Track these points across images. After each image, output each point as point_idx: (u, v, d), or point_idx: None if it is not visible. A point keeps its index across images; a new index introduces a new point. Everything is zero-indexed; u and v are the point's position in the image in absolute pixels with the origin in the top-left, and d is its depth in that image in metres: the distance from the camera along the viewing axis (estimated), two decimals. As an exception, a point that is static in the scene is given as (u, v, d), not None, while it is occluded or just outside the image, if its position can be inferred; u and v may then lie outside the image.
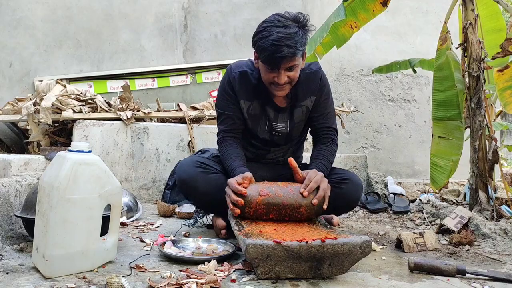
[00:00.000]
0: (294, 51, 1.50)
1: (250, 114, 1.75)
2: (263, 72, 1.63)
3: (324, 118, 1.80)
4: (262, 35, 1.54)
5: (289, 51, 1.49)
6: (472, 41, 2.19)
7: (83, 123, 2.76)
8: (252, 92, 1.73)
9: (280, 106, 1.75)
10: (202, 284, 1.11)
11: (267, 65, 1.57)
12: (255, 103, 1.74)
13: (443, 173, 2.21)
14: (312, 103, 1.76)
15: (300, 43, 1.52)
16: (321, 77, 1.76)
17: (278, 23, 1.53)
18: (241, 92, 1.73)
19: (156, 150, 2.89)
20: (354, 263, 1.22)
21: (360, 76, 4.13)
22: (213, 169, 1.74)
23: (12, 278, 1.16)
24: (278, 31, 1.50)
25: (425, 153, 4.07)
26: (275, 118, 1.77)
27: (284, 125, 1.77)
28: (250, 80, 1.73)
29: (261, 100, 1.74)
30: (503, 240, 1.80)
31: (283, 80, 1.57)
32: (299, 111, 1.77)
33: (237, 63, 1.79)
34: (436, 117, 2.27)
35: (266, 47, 1.51)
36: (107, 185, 1.27)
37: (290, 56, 1.51)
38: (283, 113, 1.76)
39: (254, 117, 1.76)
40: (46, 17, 3.71)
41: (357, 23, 2.56)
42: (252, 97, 1.73)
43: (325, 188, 1.49)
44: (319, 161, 1.70)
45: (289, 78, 1.59)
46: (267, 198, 1.44)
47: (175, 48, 3.91)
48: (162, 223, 2.08)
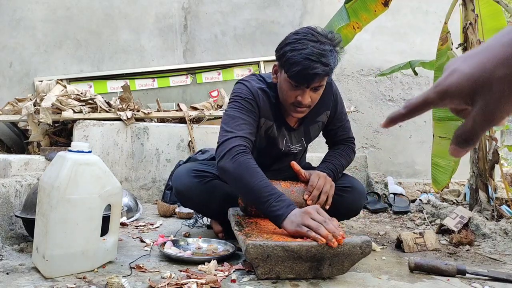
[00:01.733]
0: (328, 70, 1.39)
1: (268, 135, 1.62)
2: (285, 89, 1.47)
3: (342, 130, 1.77)
4: (293, 47, 1.39)
5: (324, 69, 1.37)
6: (472, 41, 2.19)
7: (83, 123, 2.76)
8: (271, 113, 1.58)
9: (292, 127, 1.66)
10: (202, 284, 1.11)
11: (295, 81, 1.42)
12: (275, 125, 1.60)
13: (445, 173, 2.21)
14: (328, 117, 1.71)
15: (333, 62, 1.42)
16: (334, 89, 1.68)
17: (312, 37, 1.40)
18: (264, 110, 1.56)
19: (156, 150, 2.89)
20: (354, 263, 1.22)
21: (360, 76, 4.13)
22: (210, 175, 1.67)
23: (12, 278, 1.16)
24: (313, 46, 1.37)
25: (425, 153, 4.07)
26: (290, 140, 1.67)
27: (300, 144, 1.71)
28: (270, 99, 1.57)
29: (278, 122, 1.61)
30: (503, 240, 1.80)
31: (307, 100, 1.45)
32: (315, 127, 1.70)
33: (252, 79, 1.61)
34: (437, 117, 2.27)
35: (299, 61, 1.36)
36: (107, 185, 1.27)
37: (322, 75, 1.40)
38: (295, 133, 1.68)
39: (271, 139, 1.63)
40: (46, 17, 3.71)
41: (359, 23, 2.57)
42: (272, 118, 1.59)
43: (327, 190, 1.47)
44: (328, 161, 1.67)
45: (312, 99, 1.47)
46: None
47: (175, 48, 3.91)
48: (162, 223, 2.08)
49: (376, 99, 4.13)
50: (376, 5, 2.47)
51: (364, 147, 4.11)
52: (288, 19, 4.05)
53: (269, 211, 1.29)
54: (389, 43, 4.13)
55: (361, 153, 3.99)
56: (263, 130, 1.60)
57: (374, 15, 2.53)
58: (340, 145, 1.77)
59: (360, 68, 4.13)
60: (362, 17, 2.54)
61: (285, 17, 4.05)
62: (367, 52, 4.11)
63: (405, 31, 4.16)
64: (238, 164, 1.36)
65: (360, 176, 3.15)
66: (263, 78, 1.63)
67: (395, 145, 4.13)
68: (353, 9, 2.51)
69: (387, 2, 2.45)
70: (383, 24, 3.99)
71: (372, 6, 2.48)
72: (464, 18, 2.26)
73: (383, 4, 2.45)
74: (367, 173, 3.20)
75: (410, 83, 4.16)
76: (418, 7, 4.19)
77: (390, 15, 3.87)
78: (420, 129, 4.15)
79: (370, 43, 4.08)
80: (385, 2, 2.45)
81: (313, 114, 1.64)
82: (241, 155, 1.38)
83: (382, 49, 4.12)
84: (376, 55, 4.11)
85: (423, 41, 4.10)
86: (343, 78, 4.11)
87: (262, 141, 1.63)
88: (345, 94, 4.09)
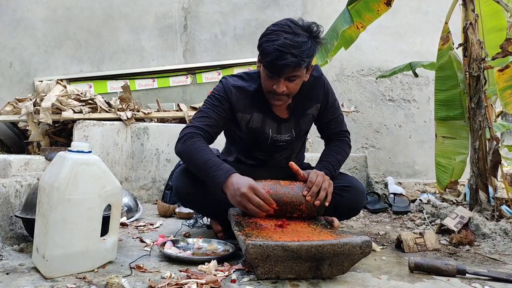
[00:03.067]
0: (298, 61, 1.43)
1: (250, 127, 1.66)
2: (263, 77, 1.56)
3: (334, 123, 1.77)
4: (268, 38, 1.46)
5: (293, 60, 1.41)
6: (472, 41, 2.19)
7: (83, 123, 2.76)
8: (251, 105, 1.64)
9: (281, 117, 1.68)
10: (202, 284, 1.11)
11: (268, 71, 1.49)
12: (255, 115, 1.65)
13: (447, 172, 2.21)
14: (318, 110, 1.72)
15: (306, 54, 1.44)
16: (324, 82, 1.71)
17: (288, 29, 1.45)
18: (239, 105, 1.63)
19: (156, 150, 2.89)
20: (354, 263, 1.22)
21: (360, 76, 4.13)
22: None
23: (12, 279, 1.16)
24: (286, 37, 1.42)
25: (425, 153, 4.07)
26: (278, 131, 1.69)
27: (289, 134, 1.70)
28: (247, 93, 1.64)
29: (262, 113, 1.65)
30: (503, 240, 1.80)
31: (281, 89, 1.50)
32: (305, 120, 1.72)
33: (230, 77, 1.70)
34: (439, 117, 2.27)
35: (270, 52, 1.43)
36: (107, 185, 1.27)
37: (292, 66, 1.44)
38: (286, 124, 1.69)
39: (256, 131, 1.67)
40: (46, 18, 3.71)
41: (363, 23, 2.60)
42: (251, 110, 1.64)
43: (326, 187, 1.48)
44: (324, 160, 1.69)
45: (288, 89, 1.51)
46: (268, 195, 1.44)
47: (175, 48, 3.91)
48: (162, 223, 2.08)
49: (376, 99, 4.13)
50: (379, 4, 2.48)
51: (364, 147, 4.11)
52: (288, 19, 4.05)
53: (211, 181, 1.46)
54: (389, 43, 4.13)
55: (361, 153, 4.00)
56: (243, 124, 1.67)
57: (378, 15, 2.54)
58: (335, 141, 1.78)
59: (360, 68, 4.13)
60: (366, 17, 2.55)
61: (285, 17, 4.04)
62: (367, 52, 4.11)
63: (405, 31, 4.16)
64: (186, 146, 1.55)
65: (360, 176, 3.14)
66: (247, 74, 1.71)
67: (395, 145, 4.13)
68: (356, 10, 2.53)
69: (390, 2, 2.46)
70: (383, 24, 3.98)
71: (375, 6, 2.49)
72: (464, 18, 2.26)
73: (385, 4, 2.47)
74: (367, 173, 3.20)
75: (410, 83, 4.16)
76: (418, 7, 4.19)
77: (390, 15, 3.85)
78: (420, 129, 4.15)
79: (370, 43, 4.08)
80: (387, 2, 2.46)
81: (303, 107, 1.68)
82: (190, 139, 1.55)
83: (382, 49, 4.12)
84: (376, 55, 4.11)
85: (423, 41, 4.10)
86: (343, 78, 4.11)
87: (246, 135, 1.70)
88: (345, 94, 4.10)
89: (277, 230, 1.36)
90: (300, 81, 1.54)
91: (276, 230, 1.37)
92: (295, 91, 1.56)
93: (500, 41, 2.03)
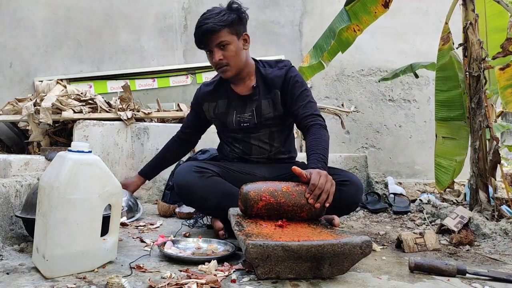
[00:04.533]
0: (213, 26, 1.67)
1: (217, 113, 1.91)
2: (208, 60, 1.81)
3: (304, 108, 1.78)
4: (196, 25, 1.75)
5: (207, 26, 1.67)
6: (473, 41, 2.19)
7: (83, 123, 2.76)
8: (215, 94, 1.91)
9: (241, 94, 1.87)
10: (202, 284, 1.11)
11: (199, 47, 1.77)
12: (220, 102, 1.90)
13: (447, 173, 2.21)
14: (279, 97, 1.82)
15: (221, 20, 1.69)
16: (287, 71, 1.83)
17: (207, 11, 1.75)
18: (204, 97, 1.94)
19: (156, 150, 2.88)
20: (354, 263, 1.22)
21: (360, 76, 4.13)
22: (211, 172, 1.74)
23: (12, 279, 1.16)
24: (202, 16, 1.73)
25: (425, 153, 4.07)
26: (242, 109, 1.86)
27: (250, 113, 1.85)
28: (208, 86, 1.95)
29: (225, 97, 1.89)
30: (504, 240, 1.80)
31: (217, 58, 1.72)
32: (266, 103, 1.84)
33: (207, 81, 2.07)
34: (439, 117, 2.27)
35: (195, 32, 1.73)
36: (107, 185, 1.27)
37: (211, 31, 1.68)
38: (249, 103, 1.86)
39: (222, 115, 1.89)
40: (46, 18, 3.71)
41: (360, 26, 2.57)
42: (215, 98, 1.91)
43: (328, 188, 1.45)
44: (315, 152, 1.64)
45: (225, 57, 1.73)
46: (268, 204, 1.44)
47: (175, 48, 3.91)
48: (162, 223, 2.08)
49: (376, 99, 4.13)
50: (376, 6, 2.46)
51: (364, 147, 4.11)
52: (288, 19, 4.05)
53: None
54: (389, 43, 4.13)
55: (361, 153, 4.00)
56: (211, 112, 1.93)
57: (375, 17, 2.52)
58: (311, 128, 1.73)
59: (360, 68, 4.13)
60: (363, 19, 2.53)
61: (285, 17, 4.05)
62: (367, 52, 4.11)
63: (405, 31, 4.16)
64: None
65: (360, 176, 3.14)
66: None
67: (395, 145, 4.13)
68: (353, 11, 2.50)
69: (387, 3, 2.44)
70: (383, 24, 3.98)
71: (372, 8, 2.47)
72: (464, 18, 2.26)
73: (383, 6, 2.45)
74: (367, 173, 3.20)
75: (410, 83, 4.16)
76: (418, 7, 4.19)
77: (390, 15, 3.85)
78: (420, 129, 4.15)
79: (370, 43, 4.08)
80: (385, 3, 2.44)
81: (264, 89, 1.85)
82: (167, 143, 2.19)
83: (382, 49, 4.12)
84: (376, 55, 4.11)
85: (423, 41, 4.10)
86: (343, 78, 4.11)
87: (216, 121, 1.95)
88: (345, 94, 4.10)
89: (277, 230, 1.36)
90: (234, 47, 1.74)
91: (276, 230, 1.37)
92: (234, 58, 1.75)
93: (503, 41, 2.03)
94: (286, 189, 1.48)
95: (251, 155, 1.91)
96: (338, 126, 3.61)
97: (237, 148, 1.92)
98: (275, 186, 1.49)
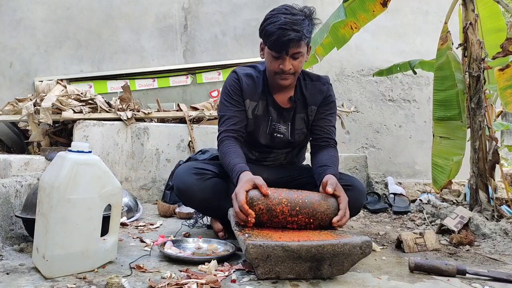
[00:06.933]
0: (300, 36, 1.54)
1: (255, 114, 1.75)
2: (268, 61, 1.65)
3: (327, 130, 1.77)
4: (269, 21, 1.58)
5: (296, 34, 1.53)
6: (472, 41, 2.19)
7: (83, 123, 2.76)
8: (257, 94, 1.74)
9: (282, 106, 1.75)
10: (202, 284, 1.11)
11: (274, 50, 1.58)
12: (260, 103, 1.75)
13: (444, 173, 2.21)
14: (313, 113, 1.76)
15: (306, 29, 1.57)
16: (328, 90, 1.78)
17: (285, 11, 1.58)
18: (248, 92, 1.73)
19: (156, 151, 2.89)
20: (354, 263, 1.22)
21: (360, 76, 4.13)
22: (210, 173, 1.72)
23: (12, 279, 1.16)
24: (285, 17, 1.55)
25: (425, 153, 4.07)
26: (278, 119, 1.76)
27: (285, 127, 1.77)
28: (255, 82, 1.75)
29: (265, 102, 1.75)
30: (503, 240, 1.80)
31: (288, 67, 1.59)
32: (299, 118, 1.77)
33: (242, 67, 1.81)
34: (437, 117, 2.27)
35: (273, 31, 1.54)
36: (107, 185, 1.27)
37: (296, 40, 1.54)
38: (286, 115, 1.76)
39: (258, 118, 1.75)
40: (46, 18, 3.71)
41: (357, 23, 2.56)
42: (257, 98, 1.74)
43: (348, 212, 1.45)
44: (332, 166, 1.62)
45: (294, 67, 1.61)
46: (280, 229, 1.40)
47: (175, 48, 3.91)
48: (162, 223, 2.08)
49: (376, 99, 4.13)
50: (375, 5, 2.45)
51: (364, 147, 4.11)
52: (288, 19, 4.04)
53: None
54: (389, 43, 4.13)
55: (361, 153, 4.00)
56: (250, 111, 1.74)
57: (373, 15, 2.51)
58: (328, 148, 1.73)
59: (360, 68, 4.13)
60: (360, 17, 2.52)
61: (285, 17, 4.04)
62: (367, 52, 4.11)
63: (405, 31, 4.16)
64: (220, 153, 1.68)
65: (360, 176, 3.15)
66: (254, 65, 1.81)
67: (395, 145, 4.13)
68: (351, 9, 2.49)
69: (386, 2, 2.43)
70: (383, 24, 3.99)
71: (371, 6, 2.46)
72: (464, 18, 2.26)
73: (381, 4, 2.44)
74: (367, 173, 3.20)
75: (410, 83, 4.16)
76: (418, 7, 4.19)
77: (390, 15, 3.88)
78: (420, 129, 4.15)
79: (370, 43, 4.08)
80: (383, 2, 2.43)
81: (302, 103, 1.76)
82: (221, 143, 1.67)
83: (382, 49, 4.11)
84: (376, 55, 4.10)
85: (423, 41, 4.10)
86: (343, 78, 4.11)
87: (251, 122, 1.76)
88: (345, 94, 4.09)
89: (277, 230, 1.36)
90: (303, 59, 1.64)
91: (276, 230, 1.37)
92: (300, 69, 1.66)
93: (499, 42, 2.03)
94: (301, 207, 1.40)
95: (265, 162, 1.86)
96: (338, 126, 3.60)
97: (253, 154, 1.85)
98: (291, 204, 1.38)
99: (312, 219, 1.39)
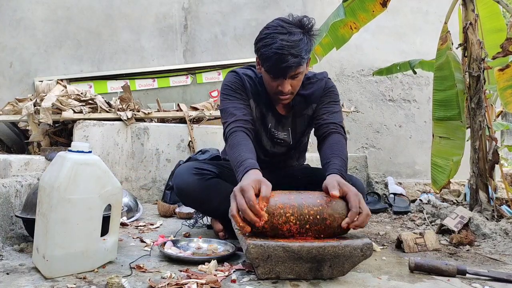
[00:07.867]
0: (299, 61, 1.43)
1: (256, 117, 1.68)
2: (266, 80, 1.57)
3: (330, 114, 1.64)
4: (264, 42, 1.45)
5: (294, 60, 1.42)
6: (472, 41, 2.19)
7: (83, 123, 2.76)
8: (258, 95, 1.66)
9: (281, 113, 1.70)
10: (203, 284, 1.11)
11: (272, 74, 1.50)
12: (261, 106, 1.67)
13: (443, 173, 2.21)
14: (313, 110, 1.70)
15: (305, 51, 1.45)
16: (326, 83, 1.70)
17: (281, 30, 1.44)
18: (251, 92, 1.65)
19: (156, 151, 2.89)
20: (355, 265, 1.22)
21: (360, 76, 4.13)
22: (211, 173, 1.70)
23: (12, 279, 1.16)
24: (282, 39, 1.41)
25: (425, 153, 4.07)
26: (276, 126, 1.71)
27: (286, 134, 1.72)
28: (250, 79, 1.67)
29: (264, 106, 1.67)
30: (504, 240, 1.80)
31: (287, 89, 1.51)
32: (301, 120, 1.72)
33: (240, 68, 1.72)
34: (436, 117, 2.27)
35: (270, 56, 1.43)
36: (107, 185, 1.27)
37: (295, 66, 1.44)
38: (284, 122, 1.71)
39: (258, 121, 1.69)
40: (46, 18, 3.71)
41: (357, 23, 2.55)
42: (258, 99, 1.67)
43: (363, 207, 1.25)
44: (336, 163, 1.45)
45: (293, 87, 1.53)
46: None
47: (175, 49, 3.91)
48: (162, 223, 2.08)
49: (376, 99, 4.14)
50: (374, 5, 2.45)
51: (364, 147, 4.11)
52: (288, 19, 4.05)
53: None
54: (389, 43, 4.13)
55: (361, 153, 4.00)
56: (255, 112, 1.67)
57: (372, 16, 2.51)
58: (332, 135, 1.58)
59: (360, 68, 4.13)
60: (360, 17, 2.52)
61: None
62: (367, 52, 4.11)
63: (405, 31, 4.16)
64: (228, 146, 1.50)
65: (360, 176, 3.15)
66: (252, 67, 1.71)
67: (395, 145, 4.13)
68: (351, 8, 2.48)
69: (386, 2, 2.43)
70: (383, 24, 3.99)
71: (370, 6, 2.46)
72: (464, 18, 2.26)
73: (381, 4, 2.44)
74: (367, 173, 3.20)
75: (410, 83, 4.16)
76: (418, 7, 4.19)
77: (390, 15, 3.88)
78: (420, 129, 4.15)
79: (370, 43, 4.09)
80: (383, 2, 2.43)
81: (301, 106, 1.69)
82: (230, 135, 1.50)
83: (382, 49, 4.12)
84: (376, 55, 4.11)
85: (423, 41, 4.11)
86: (343, 78, 4.11)
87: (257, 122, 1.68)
88: (345, 94, 4.10)
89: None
90: (302, 76, 1.56)
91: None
92: (299, 85, 1.58)
93: (499, 42, 2.03)
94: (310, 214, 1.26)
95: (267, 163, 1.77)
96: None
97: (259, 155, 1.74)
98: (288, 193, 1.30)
99: (323, 234, 1.25)
